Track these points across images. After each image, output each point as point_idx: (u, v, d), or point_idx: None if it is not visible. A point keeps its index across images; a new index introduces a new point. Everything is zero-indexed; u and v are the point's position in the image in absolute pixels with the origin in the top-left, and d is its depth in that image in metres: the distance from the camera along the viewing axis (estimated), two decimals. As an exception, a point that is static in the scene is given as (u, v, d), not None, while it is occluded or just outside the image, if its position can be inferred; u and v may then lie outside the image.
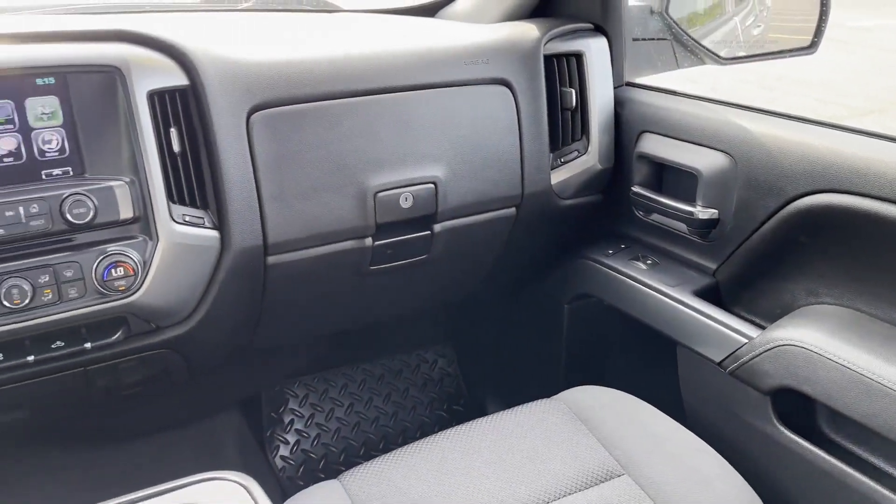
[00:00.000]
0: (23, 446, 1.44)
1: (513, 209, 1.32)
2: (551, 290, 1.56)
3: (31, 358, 0.97)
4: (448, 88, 1.23)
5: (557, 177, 1.34)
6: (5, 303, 0.92)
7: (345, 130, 1.14)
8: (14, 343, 0.96)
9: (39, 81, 0.93)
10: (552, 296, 1.56)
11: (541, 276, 1.59)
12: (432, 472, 1.03)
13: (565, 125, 1.35)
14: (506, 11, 1.43)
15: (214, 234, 1.06)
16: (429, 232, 1.25)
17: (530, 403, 1.15)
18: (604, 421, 1.11)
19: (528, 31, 1.31)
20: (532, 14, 1.45)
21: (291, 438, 1.72)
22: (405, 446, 1.07)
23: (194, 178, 1.04)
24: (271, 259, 1.13)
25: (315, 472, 1.69)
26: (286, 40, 1.25)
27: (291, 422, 1.74)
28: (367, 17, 1.58)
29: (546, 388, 1.24)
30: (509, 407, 1.14)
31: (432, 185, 1.21)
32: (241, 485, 0.80)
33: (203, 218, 1.05)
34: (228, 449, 1.61)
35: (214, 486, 0.81)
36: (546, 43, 1.30)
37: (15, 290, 0.92)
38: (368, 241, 1.21)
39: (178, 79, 1.02)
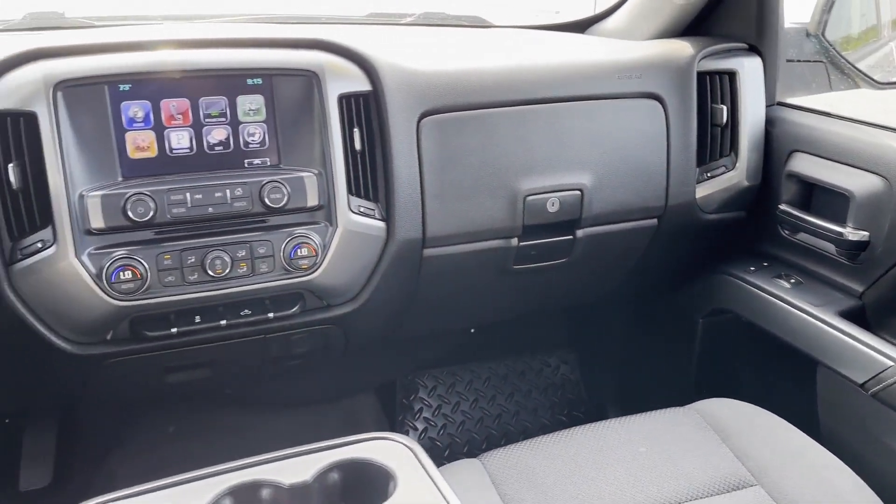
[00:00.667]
0: (193, 406, 1.62)
1: (654, 220, 1.37)
2: (685, 303, 1.59)
3: (223, 322, 1.10)
4: (600, 101, 1.29)
5: (702, 191, 1.37)
6: (209, 272, 1.06)
7: (501, 137, 1.23)
8: (210, 308, 1.10)
9: (249, 81, 1.07)
10: (686, 308, 1.58)
11: (675, 288, 1.61)
12: (567, 462, 1.08)
13: (714, 141, 1.38)
14: (658, 30, 1.48)
15: (382, 224, 1.17)
16: (571, 236, 1.32)
17: (662, 410, 1.18)
18: (737, 432, 1.12)
19: (683, 48, 1.35)
20: (684, 33, 1.49)
21: (420, 426, 1.82)
22: (542, 436, 1.14)
23: (370, 174, 1.15)
24: (427, 251, 1.23)
25: (440, 460, 1.78)
26: (450, 53, 1.36)
27: (420, 410, 1.84)
28: (520, 33, 1.67)
29: (673, 399, 1.26)
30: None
31: (579, 192, 1.28)
32: (407, 447, 0.89)
33: (374, 210, 1.16)
34: (367, 428, 1.72)
35: (383, 445, 0.90)
36: (700, 60, 1.34)
37: (218, 262, 1.06)
38: (514, 241, 1.28)
39: (363, 84, 1.13)
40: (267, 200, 1.07)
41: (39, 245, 0.99)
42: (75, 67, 0.99)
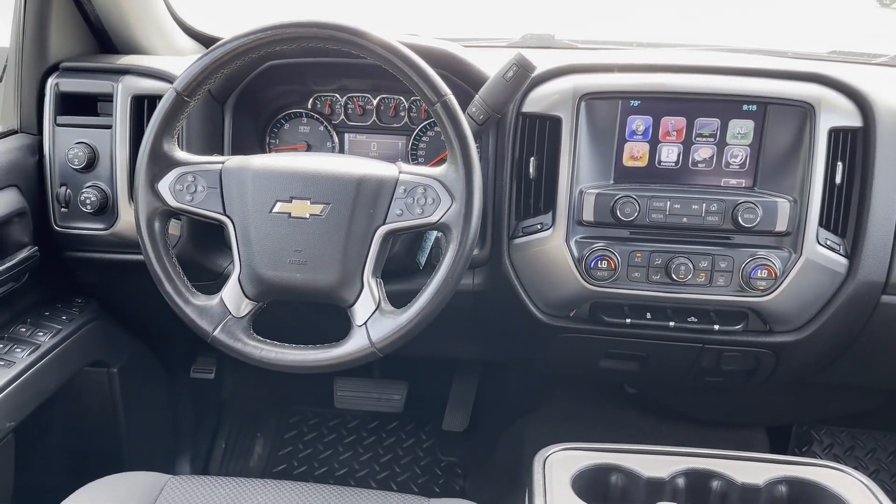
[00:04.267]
0: (598, 394, 1.75)
1: None
2: None
3: (672, 324, 1.19)
4: None
5: None
6: (672, 275, 1.15)
7: None
8: (660, 308, 1.20)
9: (745, 107, 1.14)
10: None
11: None
12: None
13: None
14: None
15: (845, 261, 1.15)
16: None
17: None
18: None
19: None
20: None
21: (809, 480, 1.72)
22: None
23: (843, 209, 1.15)
24: (886, 298, 1.18)
25: None
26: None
27: (812, 465, 1.74)
28: None
29: None
30: None
31: None
32: (866, 485, 0.89)
33: (840, 245, 1.15)
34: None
35: (839, 476, 0.90)
36: None
37: (682, 267, 1.15)
38: None
39: (854, 120, 1.13)
40: (739, 219, 1.13)
41: (539, 227, 1.19)
42: (601, 83, 1.16)
